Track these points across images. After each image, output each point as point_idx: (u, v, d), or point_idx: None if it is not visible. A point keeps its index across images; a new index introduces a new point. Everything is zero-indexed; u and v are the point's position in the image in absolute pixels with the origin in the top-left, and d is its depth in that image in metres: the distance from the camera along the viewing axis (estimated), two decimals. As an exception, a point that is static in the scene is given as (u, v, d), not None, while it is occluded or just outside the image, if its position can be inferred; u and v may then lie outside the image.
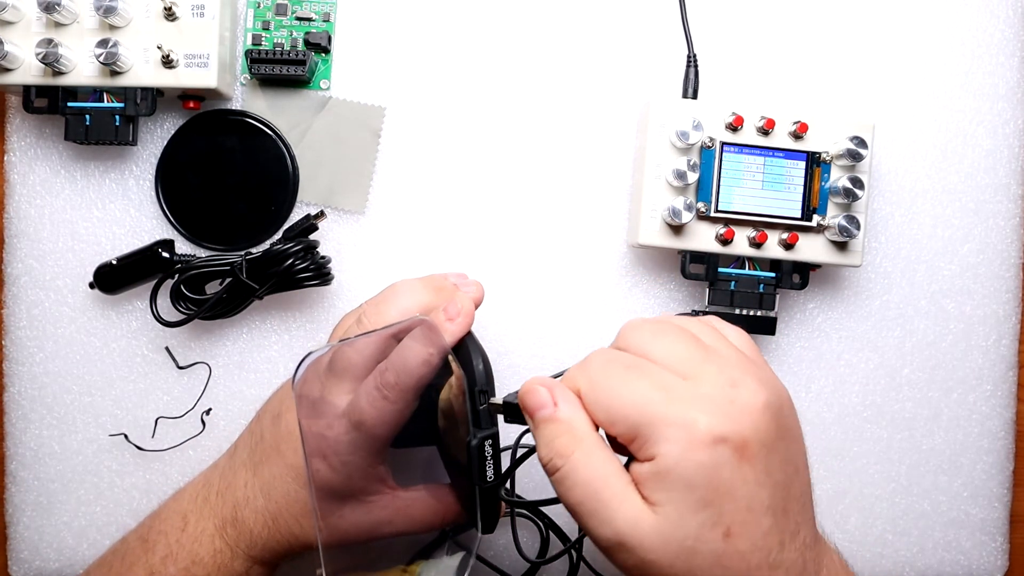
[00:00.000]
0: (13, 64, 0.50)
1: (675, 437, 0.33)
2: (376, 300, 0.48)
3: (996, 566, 0.58)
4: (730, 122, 0.51)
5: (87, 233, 0.55)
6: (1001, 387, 0.57)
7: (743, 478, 0.33)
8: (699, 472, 0.33)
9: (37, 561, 0.55)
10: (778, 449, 0.34)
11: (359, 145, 0.55)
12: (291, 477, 0.45)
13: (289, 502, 0.45)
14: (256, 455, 0.47)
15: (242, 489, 0.47)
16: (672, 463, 0.33)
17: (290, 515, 0.46)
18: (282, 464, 0.46)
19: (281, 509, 0.46)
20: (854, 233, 0.51)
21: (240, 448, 0.49)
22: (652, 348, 0.36)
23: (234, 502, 0.47)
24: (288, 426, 0.46)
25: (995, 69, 0.57)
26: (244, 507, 0.46)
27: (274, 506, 0.46)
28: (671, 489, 0.33)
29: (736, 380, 0.34)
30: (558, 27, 0.56)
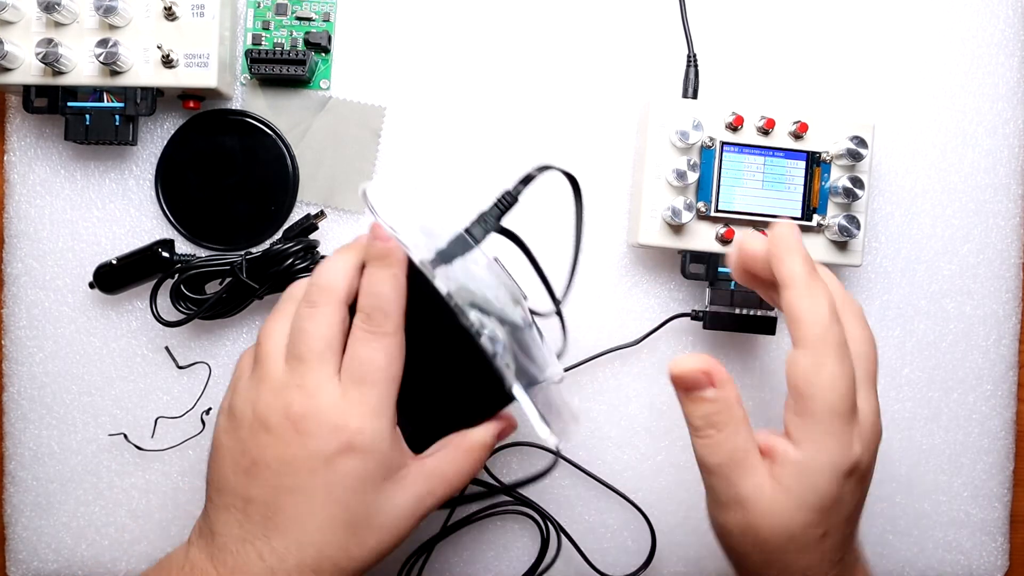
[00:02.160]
0: (13, 64, 0.50)
1: (833, 453, 0.38)
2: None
3: (996, 566, 0.58)
4: (730, 122, 0.51)
5: (87, 233, 0.55)
6: (1001, 387, 0.57)
7: (852, 496, 0.40)
8: (830, 489, 0.38)
9: (35, 562, 0.55)
10: (871, 478, 0.41)
11: (359, 145, 0.55)
12: (322, 503, 0.40)
13: (329, 535, 0.40)
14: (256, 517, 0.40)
15: (258, 563, 0.40)
16: (817, 469, 0.38)
17: (334, 549, 0.40)
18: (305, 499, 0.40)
19: (322, 549, 0.40)
20: (854, 233, 0.51)
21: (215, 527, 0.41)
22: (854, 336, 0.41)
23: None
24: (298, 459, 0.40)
25: (995, 69, 0.57)
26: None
27: (312, 552, 0.40)
28: (800, 485, 0.38)
29: (877, 409, 0.41)
30: (558, 27, 0.56)
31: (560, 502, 0.56)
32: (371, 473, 0.40)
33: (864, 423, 0.40)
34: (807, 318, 0.39)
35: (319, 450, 0.40)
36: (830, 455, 0.38)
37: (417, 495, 0.42)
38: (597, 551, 0.56)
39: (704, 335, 0.56)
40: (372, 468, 0.40)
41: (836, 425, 0.38)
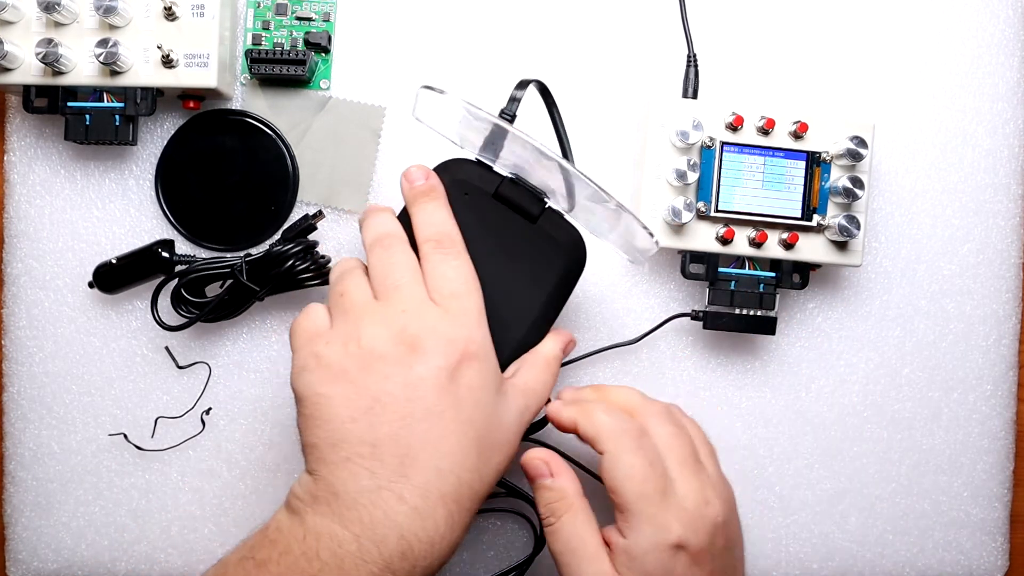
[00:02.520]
0: (13, 64, 0.50)
1: (650, 535, 0.42)
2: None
3: (996, 566, 0.58)
4: (730, 122, 0.51)
5: (87, 233, 0.55)
6: (1001, 387, 0.57)
7: (689, 573, 0.42)
8: (659, 567, 0.42)
9: (35, 562, 0.55)
10: (723, 556, 0.44)
11: (359, 145, 0.55)
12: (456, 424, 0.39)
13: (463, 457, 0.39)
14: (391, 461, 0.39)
15: (397, 508, 0.38)
16: (641, 552, 0.42)
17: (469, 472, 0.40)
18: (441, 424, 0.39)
19: (459, 476, 0.39)
20: (854, 233, 0.51)
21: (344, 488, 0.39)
22: (657, 432, 0.45)
23: (398, 533, 0.38)
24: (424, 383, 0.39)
25: (995, 69, 0.57)
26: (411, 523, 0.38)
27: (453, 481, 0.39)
28: (632, 569, 0.42)
29: (709, 499, 0.44)
30: (558, 27, 0.56)
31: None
32: (489, 382, 0.41)
33: (685, 504, 0.43)
34: (596, 430, 0.44)
35: (442, 365, 0.40)
36: (648, 537, 0.42)
37: (519, 409, 0.43)
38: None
39: (704, 335, 0.56)
40: (489, 377, 0.41)
41: (646, 509, 0.42)
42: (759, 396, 0.56)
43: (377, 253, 0.44)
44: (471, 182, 0.47)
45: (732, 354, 0.56)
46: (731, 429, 0.56)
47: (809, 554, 0.57)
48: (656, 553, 0.42)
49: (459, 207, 0.46)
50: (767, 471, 0.56)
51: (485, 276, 0.45)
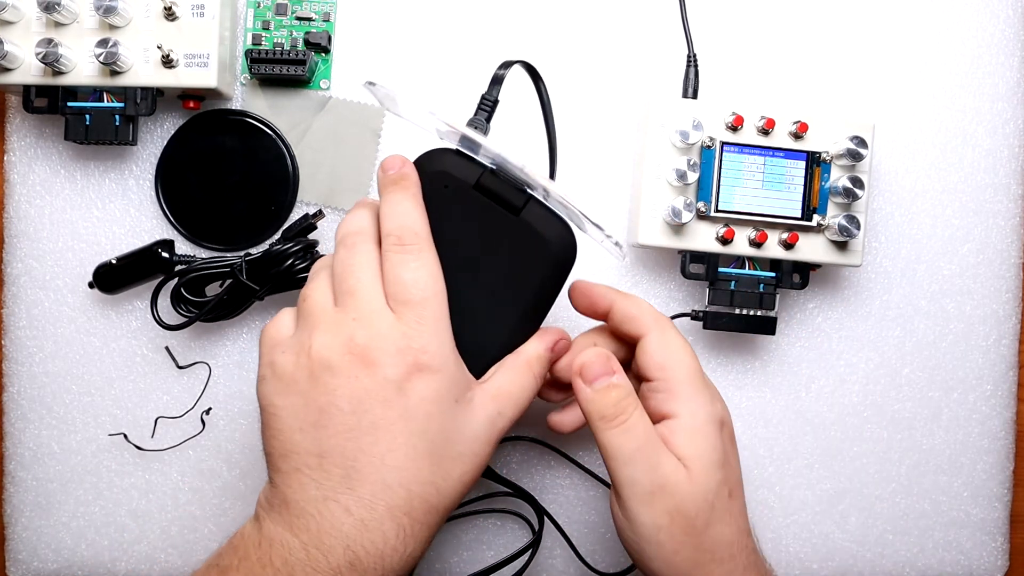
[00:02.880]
0: (13, 64, 0.50)
1: (704, 404, 0.42)
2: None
3: (996, 566, 0.58)
4: (730, 122, 0.51)
5: (87, 233, 0.55)
6: (1001, 387, 0.57)
7: (735, 454, 0.44)
8: (717, 437, 0.42)
9: (35, 562, 0.55)
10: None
11: (359, 145, 0.55)
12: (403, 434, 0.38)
13: (413, 469, 0.38)
14: (336, 471, 0.38)
15: (345, 518, 0.38)
16: (700, 425, 0.42)
17: (421, 484, 0.38)
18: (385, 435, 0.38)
19: (409, 487, 0.38)
20: (854, 233, 0.51)
21: (293, 496, 0.39)
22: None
23: (344, 542, 0.37)
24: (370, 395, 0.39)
25: (995, 69, 0.57)
26: (362, 534, 0.38)
27: (402, 493, 0.38)
28: (700, 446, 0.41)
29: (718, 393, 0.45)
30: (558, 27, 0.56)
31: (560, 501, 0.56)
32: (443, 394, 0.39)
33: (713, 387, 0.44)
34: (640, 311, 0.44)
35: (389, 377, 0.38)
36: (706, 408, 0.42)
37: (489, 416, 0.41)
38: (597, 551, 0.56)
39: (704, 335, 0.56)
40: (444, 388, 0.39)
41: (698, 383, 0.43)
42: (759, 396, 0.56)
43: (340, 254, 0.42)
44: (451, 172, 0.43)
45: (732, 354, 0.56)
46: (731, 429, 0.56)
47: (809, 554, 0.57)
48: (710, 426, 0.42)
49: (438, 199, 0.43)
50: (767, 471, 0.56)
51: (464, 273, 0.43)
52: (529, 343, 0.44)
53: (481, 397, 0.41)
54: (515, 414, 0.42)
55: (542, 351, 0.44)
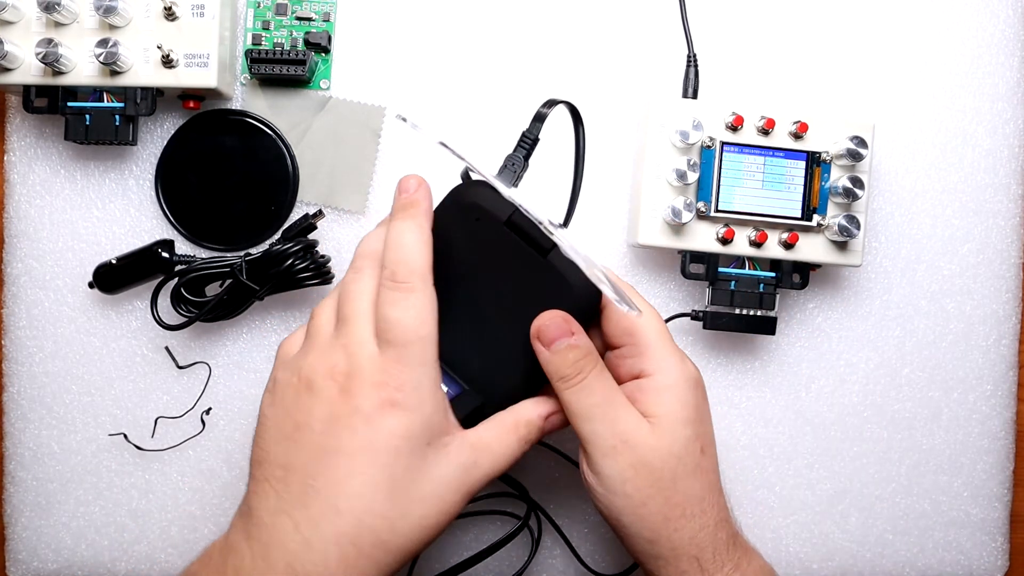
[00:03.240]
0: (13, 64, 0.50)
1: (674, 364, 0.43)
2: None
3: (996, 566, 0.58)
4: (730, 122, 0.51)
5: (87, 233, 0.55)
6: (1001, 387, 0.57)
7: (707, 411, 0.44)
8: (689, 394, 0.43)
9: (35, 562, 0.55)
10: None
11: (359, 145, 0.55)
12: (363, 463, 0.38)
13: (368, 499, 0.38)
14: (293, 487, 0.39)
15: (292, 536, 0.38)
16: (671, 382, 0.43)
17: (373, 516, 0.38)
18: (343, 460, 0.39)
19: (361, 516, 0.38)
20: (854, 233, 0.51)
21: (254, 505, 0.40)
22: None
23: (286, 560, 0.38)
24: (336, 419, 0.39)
25: (995, 69, 0.57)
26: (304, 555, 0.38)
27: (350, 520, 0.38)
28: (668, 403, 0.42)
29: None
30: (558, 27, 0.56)
31: (560, 501, 0.56)
32: (413, 434, 0.39)
33: (680, 350, 0.45)
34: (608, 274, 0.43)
35: (361, 407, 0.39)
36: (677, 368, 0.43)
37: (462, 465, 0.40)
38: (598, 551, 0.56)
39: (704, 335, 0.56)
40: (414, 429, 0.39)
41: (668, 344, 0.44)
42: (759, 396, 0.56)
43: (348, 276, 0.43)
44: (483, 206, 0.43)
45: (732, 354, 0.56)
46: (731, 429, 0.56)
47: (809, 554, 0.57)
48: (687, 382, 0.43)
49: (467, 232, 0.43)
50: (767, 471, 0.56)
51: (483, 309, 0.43)
52: (526, 404, 0.44)
53: (459, 444, 0.41)
54: (492, 469, 0.42)
55: (534, 417, 0.43)
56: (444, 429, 0.41)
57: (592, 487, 0.43)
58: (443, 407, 0.41)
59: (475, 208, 0.43)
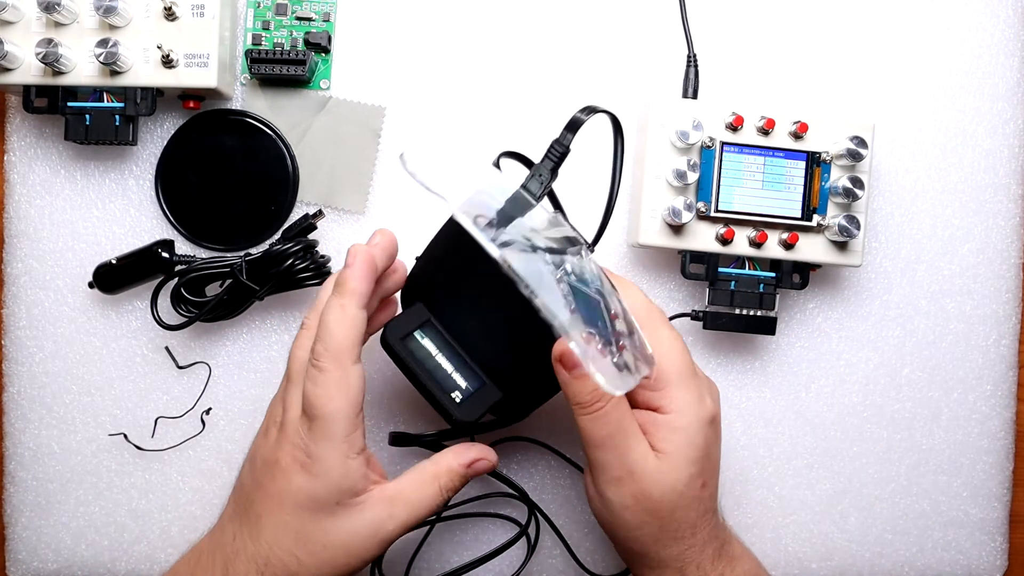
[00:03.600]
0: (13, 64, 0.50)
1: (691, 405, 0.44)
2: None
3: (996, 566, 0.58)
4: (730, 122, 0.51)
5: (87, 233, 0.55)
6: (1001, 387, 0.57)
7: (717, 447, 0.46)
8: (700, 436, 0.44)
9: (35, 562, 0.55)
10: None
11: (359, 145, 0.55)
12: (276, 505, 0.43)
13: (279, 535, 0.43)
14: (240, 503, 0.45)
15: (231, 544, 0.44)
16: (685, 423, 0.44)
17: (282, 550, 0.43)
18: (265, 497, 0.43)
19: (272, 547, 0.43)
20: (854, 233, 0.51)
21: (226, 507, 0.47)
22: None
23: (224, 559, 0.44)
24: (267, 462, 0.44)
25: (995, 69, 0.57)
26: (234, 560, 0.43)
27: (264, 547, 0.43)
28: (679, 443, 0.43)
29: (711, 384, 0.47)
30: (558, 27, 0.56)
31: (560, 502, 0.56)
32: (320, 495, 0.42)
33: (704, 380, 0.46)
34: (631, 303, 0.45)
35: (280, 460, 0.43)
36: (693, 409, 0.44)
37: (376, 519, 0.43)
38: (598, 550, 0.56)
39: (704, 335, 0.56)
40: (322, 492, 0.42)
41: (688, 382, 0.44)
42: (759, 396, 0.56)
43: (299, 332, 0.46)
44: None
45: (732, 354, 0.56)
46: (731, 429, 0.56)
47: (808, 554, 0.57)
48: (700, 424, 0.44)
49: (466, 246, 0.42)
50: (767, 471, 0.57)
51: (512, 308, 0.42)
52: (448, 454, 0.46)
53: (375, 499, 0.44)
54: (409, 518, 0.44)
55: (456, 466, 0.46)
56: (359, 488, 0.43)
57: (592, 500, 0.46)
58: (356, 472, 0.43)
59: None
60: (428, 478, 0.45)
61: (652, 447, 0.43)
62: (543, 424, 0.55)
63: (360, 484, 0.43)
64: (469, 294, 0.46)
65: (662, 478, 0.43)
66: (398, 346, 0.46)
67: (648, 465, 0.43)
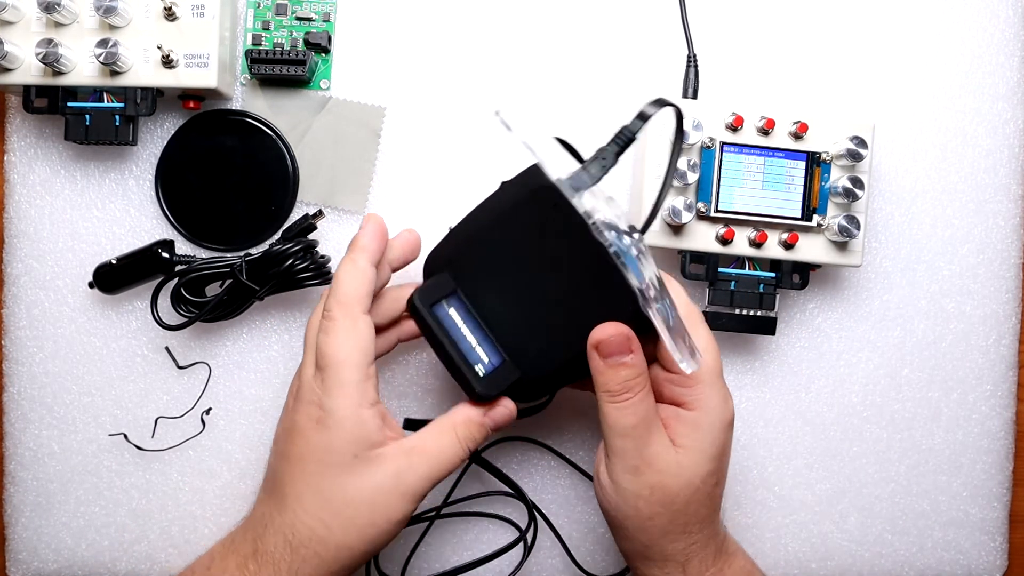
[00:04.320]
0: (13, 64, 0.50)
1: (717, 405, 0.45)
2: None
3: (995, 566, 0.58)
4: (730, 122, 0.51)
5: (87, 233, 0.55)
6: (1001, 387, 0.57)
7: (730, 445, 0.46)
8: (721, 435, 0.45)
9: (36, 562, 0.55)
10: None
11: (359, 145, 0.55)
12: (298, 470, 0.43)
13: (303, 499, 0.43)
14: (268, 481, 0.46)
15: (260, 520, 0.45)
16: (710, 422, 0.44)
17: (308, 515, 0.43)
18: (288, 465, 0.44)
19: (297, 512, 0.43)
20: (854, 233, 0.51)
21: (259, 493, 0.47)
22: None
23: (255, 535, 0.44)
24: (286, 430, 0.45)
25: (995, 69, 0.57)
26: (263, 535, 0.44)
27: (290, 515, 0.43)
28: (701, 440, 0.44)
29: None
30: (558, 27, 0.56)
31: (560, 502, 0.56)
32: (336, 448, 0.43)
33: (725, 385, 0.46)
34: (677, 297, 0.45)
35: (298, 423, 0.44)
36: (718, 410, 0.45)
37: (395, 471, 0.43)
38: (596, 551, 0.56)
39: (704, 335, 0.56)
40: (337, 444, 0.43)
41: (718, 384, 0.45)
42: (759, 396, 0.56)
43: (318, 304, 0.48)
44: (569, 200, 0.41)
45: (732, 354, 0.56)
46: (731, 429, 0.56)
47: (808, 554, 0.57)
48: (722, 425, 0.45)
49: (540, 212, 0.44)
50: (767, 471, 0.57)
51: (541, 288, 0.44)
52: (464, 405, 0.46)
53: (393, 451, 0.44)
54: (429, 471, 0.44)
55: (473, 414, 0.45)
56: (376, 441, 0.43)
57: (604, 488, 0.45)
58: (377, 421, 0.44)
59: (556, 196, 0.41)
60: (446, 428, 0.45)
61: (673, 441, 0.44)
62: (543, 424, 0.55)
63: (376, 435, 0.43)
64: (505, 270, 0.45)
65: (681, 471, 0.44)
66: (426, 312, 0.45)
67: (668, 458, 0.44)
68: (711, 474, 0.44)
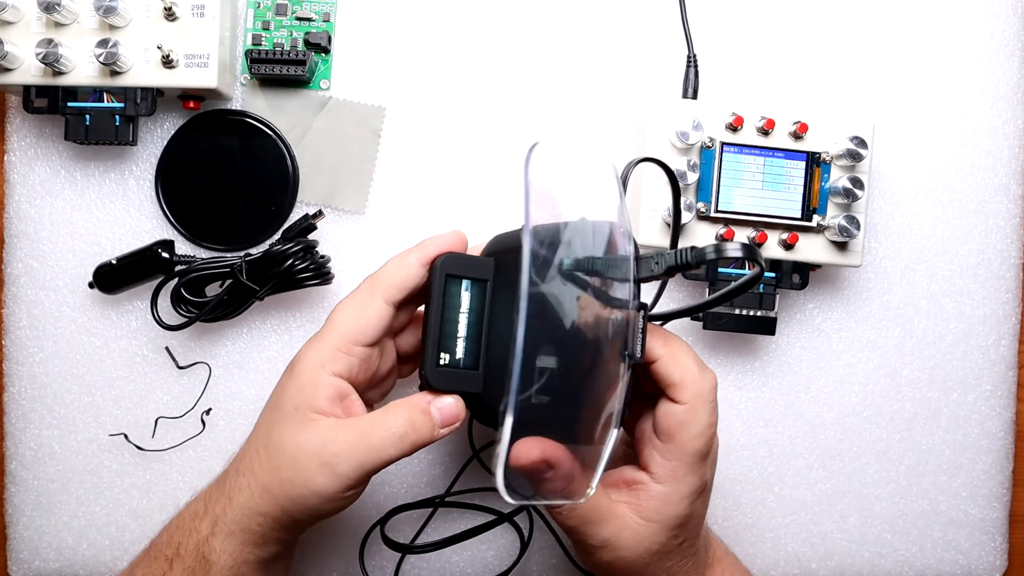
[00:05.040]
0: (13, 64, 0.50)
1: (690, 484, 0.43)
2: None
3: (995, 566, 0.58)
4: (730, 122, 0.51)
5: (87, 233, 0.55)
6: (1001, 387, 0.57)
7: (702, 505, 0.45)
8: (687, 511, 0.43)
9: (36, 561, 0.55)
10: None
11: (359, 145, 0.55)
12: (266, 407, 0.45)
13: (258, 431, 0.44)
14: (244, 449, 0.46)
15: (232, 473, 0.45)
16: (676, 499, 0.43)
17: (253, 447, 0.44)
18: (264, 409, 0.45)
19: (250, 442, 0.44)
20: (854, 233, 0.51)
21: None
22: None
23: (223, 475, 0.46)
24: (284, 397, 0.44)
25: (995, 69, 0.57)
26: (226, 469, 0.45)
27: (246, 444, 0.45)
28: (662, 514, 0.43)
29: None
30: (558, 27, 0.56)
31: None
32: (289, 395, 0.43)
33: (714, 450, 0.44)
34: (681, 377, 0.42)
35: (283, 373, 0.45)
36: (689, 486, 0.43)
37: (322, 440, 0.42)
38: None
39: (704, 335, 0.56)
40: (290, 391, 0.43)
41: (698, 463, 0.43)
42: (759, 396, 0.56)
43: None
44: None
45: (732, 354, 0.56)
46: (731, 429, 0.56)
47: (808, 553, 0.57)
48: (690, 498, 0.43)
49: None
50: (767, 471, 0.57)
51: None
52: (416, 395, 0.44)
53: (329, 423, 0.43)
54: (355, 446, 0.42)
55: (418, 399, 0.43)
56: (316, 407, 0.43)
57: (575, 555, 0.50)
58: (324, 389, 0.43)
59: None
60: (386, 410, 0.43)
61: (637, 507, 0.43)
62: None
63: (321, 404, 0.43)
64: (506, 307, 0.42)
65: (639, 542, 0.43)
66: (438, 277, 0.42)
67: (624, 535, 0.43)
68: (673, 539, 0.43)
